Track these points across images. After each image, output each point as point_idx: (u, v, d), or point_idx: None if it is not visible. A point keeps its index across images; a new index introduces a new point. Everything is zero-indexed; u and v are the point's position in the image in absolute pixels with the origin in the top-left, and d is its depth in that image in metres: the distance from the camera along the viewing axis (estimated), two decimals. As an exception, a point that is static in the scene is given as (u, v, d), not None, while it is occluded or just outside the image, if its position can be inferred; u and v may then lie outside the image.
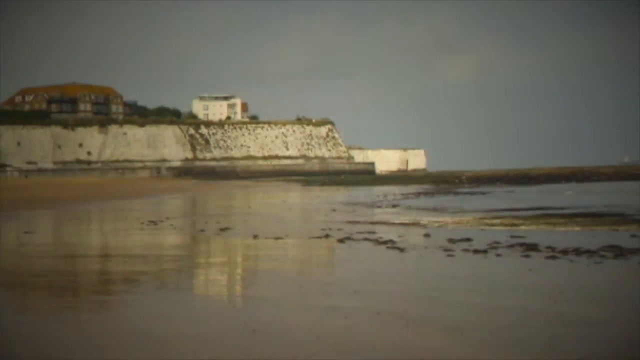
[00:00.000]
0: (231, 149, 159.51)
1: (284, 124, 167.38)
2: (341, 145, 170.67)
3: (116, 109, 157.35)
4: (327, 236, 26.68)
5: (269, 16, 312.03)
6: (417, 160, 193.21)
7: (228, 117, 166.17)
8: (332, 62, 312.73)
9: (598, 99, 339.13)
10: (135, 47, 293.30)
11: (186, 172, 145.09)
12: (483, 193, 73.42)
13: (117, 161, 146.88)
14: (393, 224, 33.29)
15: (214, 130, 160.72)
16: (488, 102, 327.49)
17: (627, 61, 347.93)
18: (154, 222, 35.21)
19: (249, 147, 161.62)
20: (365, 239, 25.16)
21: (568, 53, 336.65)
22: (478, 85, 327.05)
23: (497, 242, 23.06)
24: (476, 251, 21.12)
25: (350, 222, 33.75)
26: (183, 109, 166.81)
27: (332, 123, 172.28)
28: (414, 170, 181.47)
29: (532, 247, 21.46)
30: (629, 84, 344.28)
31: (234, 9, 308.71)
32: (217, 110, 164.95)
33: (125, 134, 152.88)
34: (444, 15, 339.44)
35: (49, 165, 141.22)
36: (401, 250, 21.86)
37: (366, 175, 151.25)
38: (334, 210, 45.86)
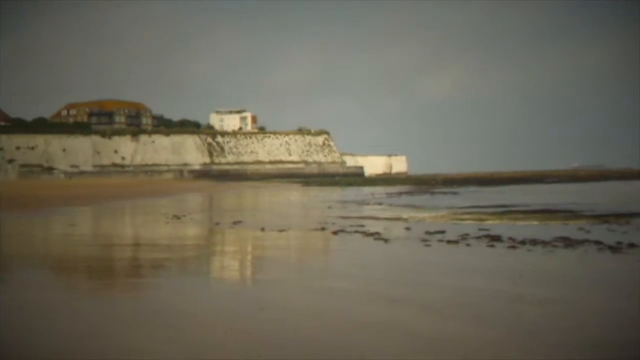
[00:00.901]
0: (242, 155, 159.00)
1: (287, 134, 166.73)
2: (335, 152, 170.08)
3: (146, 121, 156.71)
4: (323, 229, 26.73)
5: (275, 43, 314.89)
6: (399, 164, 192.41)
7: (240, 128, 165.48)
8: (328, 82, 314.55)
9: (553, 112, 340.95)
10: (162, 68, 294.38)
11: (204, 174, 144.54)
12: (455, 193, 73.31)
13: (146, 165, 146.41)
14: (379, 218, 33.32)
15: (228, 139, 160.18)
16: (459, 115, 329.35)
17: (579, 79, 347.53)
18: (178, 217, 35.22)
19: (258, 153, 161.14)
20: (356, 232, 25.20)
21: (526, 73, 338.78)
22: (450, 101, 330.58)
23: (467, 234, 23.16)
24: (449, 242, 21.19)
25: (343, 217, 33.73)
26: (202, 121, 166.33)
27: (327, 133, 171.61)
28: (397, 174, 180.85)
29: (496, 239, 21.53)
30: (579, 102, 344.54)
31: (245, 36, 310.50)
32: (231, 122, 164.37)
33: (153, 142, 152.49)
34: (421, 43, 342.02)
35: (89, 169, 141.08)
36: (386, 241, 21.92)
37: (357, 178, 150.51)
38: (329, 207, 45.79)
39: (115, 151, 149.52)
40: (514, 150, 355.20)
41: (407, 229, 26.45)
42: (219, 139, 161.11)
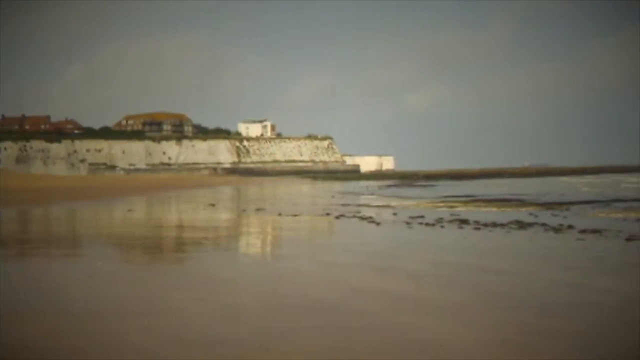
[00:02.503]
0: (264, 156, 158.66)
1: (299, 139, 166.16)
2: (337, 153, 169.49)
3: (187, 129, 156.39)
4: (328, 214, 26.79)
5: (291, 67, 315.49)
6: (388, 163, 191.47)
7: (261, 135, 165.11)
8: (333, 97, 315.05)
9: (508, 121, 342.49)
10: (200, 87, 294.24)
11: (233, 171, 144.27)
12: (432, 186, 73.20)
13: (187, 164, 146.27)
14: (372, 206, 33.33)
15: (252, 144, 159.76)
16: (436, 123, 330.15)
17: (528, 95, 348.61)
18: (212, 204, 35.31)
19: (276, 154, 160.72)
20: (354, 216, 25.25)
21: (487, 91, 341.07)
22: (429, 113, 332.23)
23: (441, 218, 23.19)
24: (427, 224, 21.23)
25: (343, 205, 33.79)
26: (232, 129, 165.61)
27: (331, 138, 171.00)
28: (387, 170, 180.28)
29: (465, 222, 21.60)
30: (530, 113, 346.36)
31: (267, 62, 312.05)
32: (254, 130, 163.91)
33: (193, 145, 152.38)
34: (406, 67, 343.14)
35: (143, 167, 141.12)
36: (377, 224, 21.96)
37: (354, 174, 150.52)
38: (332, 197, 45.87)
39: (164, 153, 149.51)
40: (479, 151, 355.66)
41: (394, 214, 26.48)
42: (245, 143, 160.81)
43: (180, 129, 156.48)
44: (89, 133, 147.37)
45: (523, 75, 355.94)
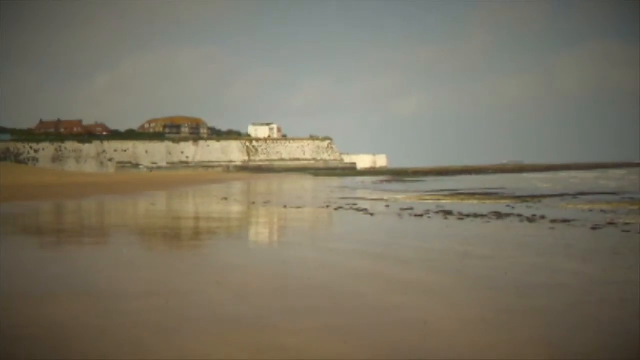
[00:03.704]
0: (271, 155, 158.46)
1: (302, 140, 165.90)
2: (336, 152, 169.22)
3: (203, 131, 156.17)
4: (327, 206, 26.78)
5: (294, 75, 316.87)
6: (381, 161, 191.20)
7: (269, 136, 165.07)
8: (332, 102, 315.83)
9: (488, 123, 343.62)
10: (214, 93, 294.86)
11: (244, 168, 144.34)
12: (421, 181, 73.27)
13: (203, 162, 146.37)
14: (367, 199, 33.36)
15: (261, 144, 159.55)
16: (421, 125, 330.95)
17: (505, 101, 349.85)
18: (225, 198, 35.35)
19: (282, 153, 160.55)
20: (351, 208, 25.25)
21: (467, 96, 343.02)
22: (415, 116, 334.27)
23: (429, 210, 23.17)
24: (416, 215, 21.20)
25: (341, 198, 33.79)
26: (242, 131, 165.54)
27: (331, 139, 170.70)
28: (380, 167, 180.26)
29: (449, 213, 21.59)
30: (506, 117, 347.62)
31: (274, 71, 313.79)
32: (263, 132, 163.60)
33: (208, 146, 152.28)
34: (396, 75, 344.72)
35: (164, 165, 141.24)
36: (372, 215, 21.95)
37: (351, 170, 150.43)
38: (332, 191, 45.88)
39: (182, 152, 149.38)
40: (461, 150, 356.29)
41: (387, 206, 26.47)
42: (254, 143, 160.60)
43: (197, 131, 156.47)
44: (116, 135, 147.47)
45: (496, 83, 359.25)
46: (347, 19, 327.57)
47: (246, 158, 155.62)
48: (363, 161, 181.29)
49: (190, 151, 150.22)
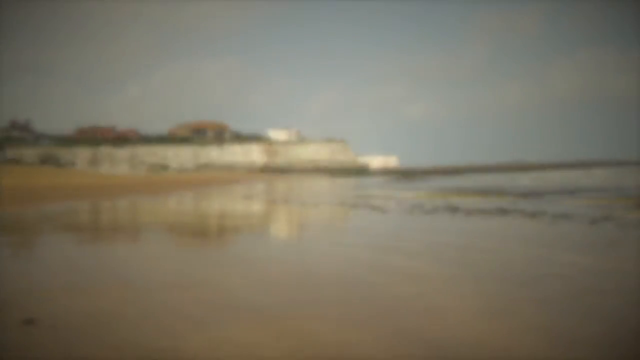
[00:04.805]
0: (290, 157, 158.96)
1: (319, 142, 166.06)
2: (350, 154, 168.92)
3: (226, 135, 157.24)
4: (342, 204, 26.81)
5: (312, 83, 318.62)
6: (393, 161, 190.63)
7: (288, 139, 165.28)
8: (346, 108, 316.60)
9: (491, 125, 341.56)
10: (237, 100, 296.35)
11: (265, 170, 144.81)
12: (429, 180, 72.92)
13: (227, 164, 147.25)
14: (379, 197, 33.31)
15: (280, 146, 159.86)
16: (429, 128, 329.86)
17: (505, 107, 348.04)
18: (247, 197, 35.50)
19: (300, 155, 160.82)
20: (364, 205, 25.26)
21: (471, 102, 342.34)
22: (423, 120, 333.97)
23: (437, 206, 23.10)
24: (425, 211, 21.21)
25: (355, 196, 33.80)
26: (263, 135, 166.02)
27: (345, 141, 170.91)
28: (392, 167, 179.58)
29: (456, 209, 21.56)
30: (508, 119, 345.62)
31: (293, 80, 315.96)
32: (282, 135, 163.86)
33: (231, 149, 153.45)
34: (405, 82, 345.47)
35: (191, 167, 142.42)
36: (383, 212, 21.98)
37: (364, 171, 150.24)
38: (346, 190, 45.89)
39: (207, 155, 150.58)
40: (467, 150, 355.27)
41: (398, 203, 26.39)
42: (274, 146, 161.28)
43: (221, 135, 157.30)
44: (147, 139, 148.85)
45: (498, 88, 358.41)
46: (358, 34, 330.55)
47: (266, 160, 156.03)
48: (376, 162, 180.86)
49: (215, 154, 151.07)
